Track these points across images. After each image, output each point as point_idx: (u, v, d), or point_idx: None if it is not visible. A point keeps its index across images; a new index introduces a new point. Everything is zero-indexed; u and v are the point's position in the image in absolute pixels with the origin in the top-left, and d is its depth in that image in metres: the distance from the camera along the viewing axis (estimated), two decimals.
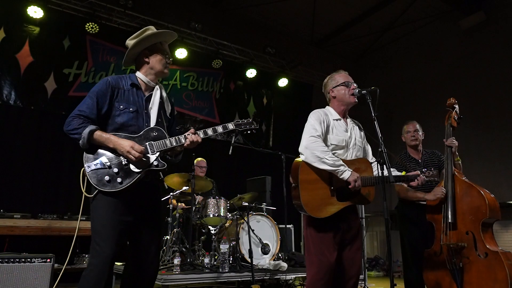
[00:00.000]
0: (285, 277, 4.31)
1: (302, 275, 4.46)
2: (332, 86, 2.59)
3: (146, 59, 2.31)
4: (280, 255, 4.77)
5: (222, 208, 4.50)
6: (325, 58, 9.75)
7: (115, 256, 2.00)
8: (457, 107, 3.35)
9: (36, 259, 3.30)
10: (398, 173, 2.52)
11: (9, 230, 4.84)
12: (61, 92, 6.21)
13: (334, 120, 2.51)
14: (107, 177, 2.05)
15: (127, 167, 2.10)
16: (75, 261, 5.17)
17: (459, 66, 8.22)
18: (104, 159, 2.09)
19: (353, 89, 2.51)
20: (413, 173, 2.48)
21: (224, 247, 4.04)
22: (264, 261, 4.49)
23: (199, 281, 3.82)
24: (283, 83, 8.51)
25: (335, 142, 2.43)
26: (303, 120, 2.49)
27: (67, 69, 6.34)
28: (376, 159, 2.37)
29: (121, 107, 2.19)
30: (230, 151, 4.14)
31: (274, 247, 4.71)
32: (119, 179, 2.07)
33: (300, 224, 5.93)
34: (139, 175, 2.11)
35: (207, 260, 4.12)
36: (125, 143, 2.08)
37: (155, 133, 2.21)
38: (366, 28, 9.06)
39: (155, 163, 2.16)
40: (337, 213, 2.32)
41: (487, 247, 2.83)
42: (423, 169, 2.54)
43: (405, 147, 3.61)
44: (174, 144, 2.20)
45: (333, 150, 2.42)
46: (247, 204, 4.68)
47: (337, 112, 2.56)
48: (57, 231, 5.11)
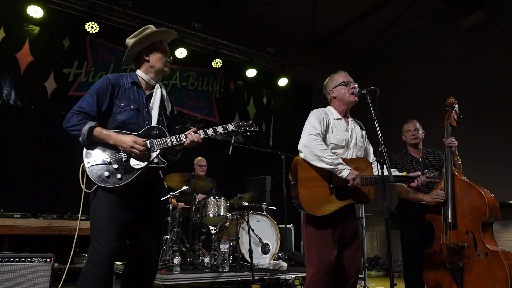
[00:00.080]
0: (285, 276, 4.32)
1: (302, 275, 4.46)
2: (332, 86, 2.60)
3: (146, 57, 2.31)
4: (280, 254, 4.77)
5: (222, 207, 4.50)
6: (325, 58, 9.74)
7: (114, 253, 2.00)
8: (456, 106, 3.35)
9: (36, 259, 3.29)
10: (399, 174, 2.51)
11: (9, 229, 4.84)
12: (61, 91, 6.22)
13: (334, 119, 2.51)
14: (106, 173, 2.05)
15: (127, 163, 2.10)
16: (75, 261, 5.16)
17: (459, 66, 8.22)
18: (104, 155, 2.09)
19: (352, 88, 2.51)
20: (413, 174, 2.47)
21: (224, 247, 4.05)
22: (264, 261, 4.48)
23: (199, 280, 3.82)
24: (283, 82, 8.51)
25: (335, 141, 2.43)
26: (303, 119, 2.49)
27: (67, 68, 6.34)
28: (376, 159, 2.36)
29: (122, 105, 2.19)
30: (230, 151, 4.14)
31: (274, 246, 4.71)
32: (118, 175, 2.06)
33: (300, 223, 5.90)
34: (139, 171, 2.11)
35: (207, 259, 4.12)
36: (126, 139, 2.08)
37: (156, 131, 2.21)
38: (366, 28, 9.06)
39: (155, 161, 2.16)
40: (336, 212, 2.32)
41: (487, 246, 2.83)
42: (425, 170, 2.53)
43: (406, 146, 3.61)
44: (174, 142, 2.20)
45: (333, 149, 2.42)
46: (247, 203, 4.68)
47: (338, 111, 2.56)
48: (57, 231, 5.12)
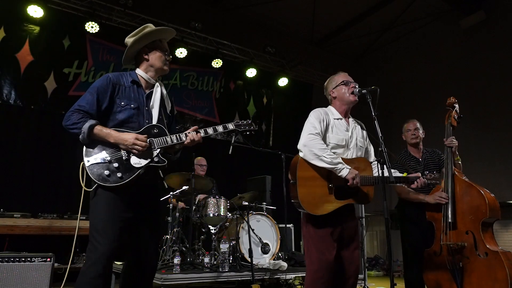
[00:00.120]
0: (285, 276, 4.32)
1: (302, 275, 4.45)
2: (332, 87, 2.61)
3: (145, 56, 2.31)
4: (280, 254, 4.77)
5: (222, 207, 4.50)
6: (325, 57, 9.74)
7: (113, 252, 2.00)
8: (457, 106, 3.34)
9: (36, 259, 3.29)
10: (399, 175, 2.50)
11: (9, 229, 4.84)
12: (61, 91, 6.21)
13: (335, 119, 2.51)
14: (107, 172, 2.05)
15: (127, 162, 2.09)
16: (75, 261, 5.16)
17: (459, 66, 8.22)
18: (104, 153, 2.08)
19: (352, 88, 2.51)
20: (413, 175, 2.47)
21: (224, 247, 4.05)
22: (264, 261, 4.48)
23: (199, 280, 3.82)
24: (283, 82, 8.50)
25: (335, 141, 2.43)
26: (303, 119, 2.49)
27: (67, 68, 6.34)
28: (376, 159, 2.36)
29: (122, 103, 2.18)
30: (230, 151, 4.14)
31: (274, 246, 4.71)
32: (119, 174, 2.06)
33: (300, 223, 5.92)
34: (139, 170, 2.10)
35: (207, 259, 4.12)
36: (128, 136, 2.08)
37: (156, 130, 2.20)
38: (366, 27, 9.06)
39: (156, 159, 2.16)
40: (335, 212, 2.32)
41: (487, 246, 2.82)
42: (425, 172, 2.53)
43: (406, 146, 3.61)
44: (175, 141, 2.20)
45: (333, 149, 2.42)
46: (247, 203, 4.68)
47: (339, 111, 2.56)
48: (57, 231, 5.12)
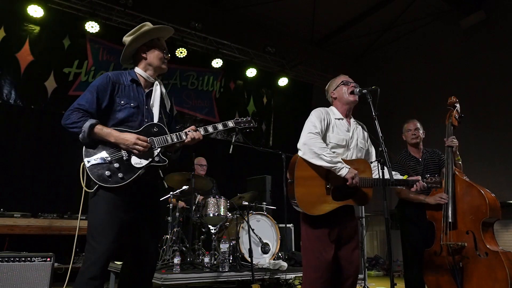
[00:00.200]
0: (285, 276, 4.32)
1: (302, 275, 4.45)
2: (332, 88, 2.63)
3: (143, 55, 2.30)
4: (280, 254, 4.77)
5: (222, 207, 4.50)
6: (325, 57, 9.74)
7: (112, 252, 1.99)
8: (458, 106, 3.35)
9: (36, 258, 3.29)
10: (400, 177, 2.48)
11: (9, 229, 4.83)
12: (61, 91, 6.21)
13: (336, 119, 2.51)
14: (107, 172, 2.03)
15: (128, 162, 2.08)
16: (75, 260, 5.15)
17: (459, 66, 8.22)
18: (104, 154, 2.07)
19: (352, 87, 2.51)
20: (413, 178, 2.45)
21: (224, 247, 4.05)
22: (264, 261, 4.48)
23: (199, 280, 3.81)
24: (283, 82, 8.50)
25: (335, 141, 2.43)
26: (303, 119, 2.49)
27: (67, 68, 6.34)
28: (377, 159, 2.36)
29: (122, 102, 2.18)
30: (230, 150, 4.13)
31: (274, 246, 4.71)
32: (120, 174, 2.05)
33: (300, 223, 5.92)
34: (140, 170, 2.10)
35: (207, 259, 4.11)
36: (129, 136, 2.07)
37: (156, 129, 2.20)
38: (366, 27, 9.06)
39: (156, 159, 2.15)
40: (333, 212, 2.31)
41: (488, 246, 2.83)
42: (426, 175, 2.52)
43: (406, 146, 3.61)
44: (175, 140, 2.19)
45: (333, 148, 2.41)
46: (247, 203, 4.67)
47: (340, 112, 2.56)
48: (57, 230, 5.11)
